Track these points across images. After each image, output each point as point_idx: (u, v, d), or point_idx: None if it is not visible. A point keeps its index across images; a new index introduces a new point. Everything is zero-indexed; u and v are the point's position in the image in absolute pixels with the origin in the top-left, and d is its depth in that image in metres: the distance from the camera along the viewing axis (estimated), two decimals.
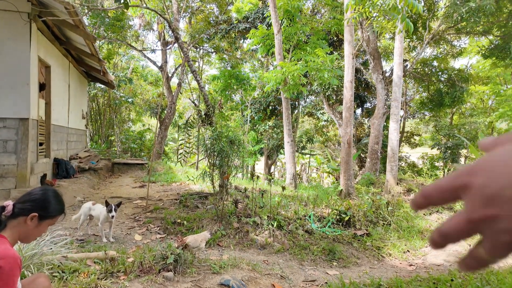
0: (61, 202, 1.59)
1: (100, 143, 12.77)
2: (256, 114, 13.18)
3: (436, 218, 5.62)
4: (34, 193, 1.53)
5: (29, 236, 1.51)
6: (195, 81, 10.76)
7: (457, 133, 13.77)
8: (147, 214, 4.90)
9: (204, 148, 4.51)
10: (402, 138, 15.75)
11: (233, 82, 13.34)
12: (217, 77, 13.99)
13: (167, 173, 9.13)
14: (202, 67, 18.37)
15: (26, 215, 1.46)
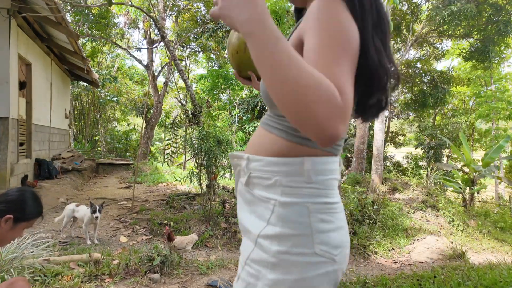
0: (39, 204, 1.53)
1: (84, 143, 12.49)
2: (244, 114, 13.18)
3: (420, 216, 5.75)
4: (10, 194, 1.46)
5: (3, 239, 1.44)
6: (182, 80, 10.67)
7: (440, 133, 14.16)
8: (132, 216, 4.83)
9: (191, 148, 4.48)
10: (387, 138, 16.08)
11: (221, 82, 13.31)
12: (204, 76, 13.92)
13: (153, 174, 9.03)
14: (189, 66, 18.22)
15: (0, 216, 1.39)
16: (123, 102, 16.12)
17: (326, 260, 0.71)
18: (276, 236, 0.71)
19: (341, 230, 0.75)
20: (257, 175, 0.76)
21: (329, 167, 0.75)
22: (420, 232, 4.83)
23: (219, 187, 5.56)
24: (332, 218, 0.73)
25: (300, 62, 0.55)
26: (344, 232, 0.76)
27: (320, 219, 0.71)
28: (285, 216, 0.71)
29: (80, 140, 12.76)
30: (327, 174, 0.74)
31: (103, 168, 9.45)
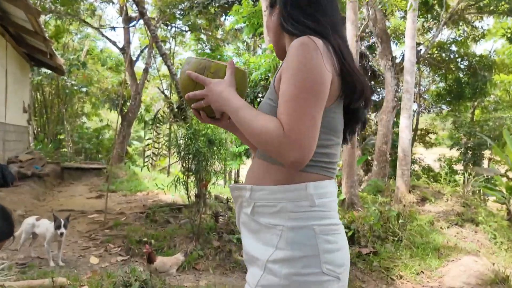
0: (9, 224, 1.53)
1: (46, 142, 12.49)
2: None
3: (455, 232, 5.76)
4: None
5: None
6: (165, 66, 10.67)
7: (480, 131, 14.15)
8: (105, 231, 4.83)
9: (176, 150, 4.48)
10: (415, 136, 16.08)
11: None
12: None
13: (130, 180, 9.03)
14: (174, 49, 18.25)
15: None
16: (94, 93, 16.10)
17: (332, 279, 0.95)
18: (286, 259, 0.94)
19: (344, 249, 1.01)
20: (262, 204, 1.01)
21: (329, 189, 1.02)
22: (455, 252, 4.83)
23: (210, 196, 5.57)
24: (335, 239, 0.99)
25: (255, 118, 0.95)
26: (346, 251, 1.02)
27: (326, 240, 0.96)
28: (294, 240, 0.95)
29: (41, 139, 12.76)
30: (328, 197, 1.01)
31: (70, 173, 9.44)
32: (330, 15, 1.05)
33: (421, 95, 16.14)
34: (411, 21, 7.42)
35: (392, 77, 10.19)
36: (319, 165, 1.03)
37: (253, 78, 8.26)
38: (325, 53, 0.96)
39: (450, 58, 13.02)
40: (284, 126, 0.90)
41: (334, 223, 1.00)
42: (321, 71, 0.94)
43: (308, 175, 1.00)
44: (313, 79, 0.93)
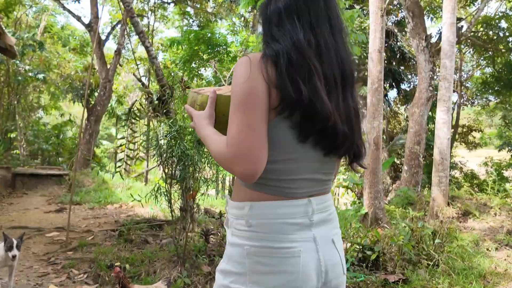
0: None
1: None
2: None
3: (505, 255, 5.78)
4: None
5: None
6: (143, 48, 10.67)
7: None
8: (68, 254, 4.85)
9: (157, 152, 4.49)
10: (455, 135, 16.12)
11: (203, 49, 13.33)
12: (177, 41, 13.94)
13: (99, 190, 9.06)
14: (153, 25, 18.27)
15: None
16: (53, 80, 16.11)
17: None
18: (223, 271, 1.25)
19: (284, 274, 1.17)
20: (228, 216, 1.32)
21: (273, 211, 1.21)
22: (505, 279, 4.84)
23: (199, 210, 5.57)
24: (271, 262, 1.18)
25: (213, 142, 1.23)
26: (290, 278, 1.17)
27: (257, 261, 1.18)
28: (230, 255, 1.24)
29: None
30: (270, 218, 1.20)
31: (23, 180, 9.47)
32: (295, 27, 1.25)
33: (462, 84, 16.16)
34: None
35: (426, 60, 10.20)
36: (264, 183, 1.20)
37: None
38: (260, 65, 1.17)
39: (499, 36, 13.03)
40: (226, 142, 1.14)
41: (276, 246, 1.18)
42: (247, 82, 1.16)
43: (252, 193, 1.23)
44: (242, 92, 1.16)
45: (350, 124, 1.26)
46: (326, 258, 1.24)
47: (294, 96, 1.14)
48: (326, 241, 1.27)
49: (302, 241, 1.20)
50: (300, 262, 1.17)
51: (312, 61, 1.19)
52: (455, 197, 7.77)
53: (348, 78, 1.29)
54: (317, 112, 1.16)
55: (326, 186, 1.34)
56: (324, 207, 1.30)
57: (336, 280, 1.29)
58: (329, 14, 1.30)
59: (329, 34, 1.27)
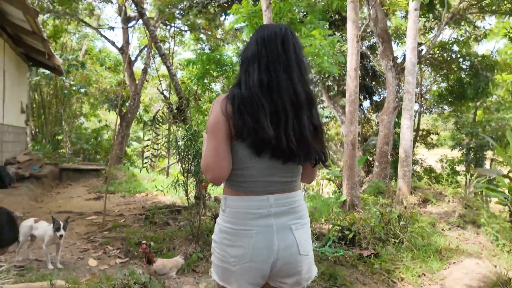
0: (15, 229, 1.59)
1: (44, 143, 12.51)
2: None
3: (457, 234, 5.77)
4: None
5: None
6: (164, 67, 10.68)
7: (482, 131, 14.18)
8: (104, 233, 4.85)
9: (176, 151, 4.49)
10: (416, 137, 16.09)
11: (213, 68, 13.29)
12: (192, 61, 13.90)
13: (129, 182, 9.06)
14: (173, 49, 18.25)
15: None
16: (92, 93, 16.13)
17: (225, 264, 1.40)
18: (213, 239, 1.48)
19: (240, 248, 1.36)
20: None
21: (239, 203, 1.40)
22: (457, 254, 4.84)
23: (210, 198, 5.58)
24: (232, 238, 1.38)
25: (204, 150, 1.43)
26: (244, 251, 1.35)
27: (224, 237, 1.40)
28: (215, 229, 1.47)
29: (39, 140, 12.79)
30: (235, 208, 1.40)
31: (68, 174, 9.48)
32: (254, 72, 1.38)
33: (422, 96, 16.15)
34: (412, 21, 7.43)
35: (393, 77, 10.21)
36: (233, 183, 1.42)
37: None
38: (222, 103, 1.36)
39: (452, 58, 13.03)
40: (202, 158, 1.40)
41: (235, 228, 1.37)
42: (214, 116, 1.36)
43: (227, 190, 1.45)
44: (210, 123, 1.37)
45: (303, 140, 1.36)
46: (280, 240, 1.36)
47: (242, 127, 1.31)
48: (283, 228, 1.38)
49: (259, 226, 1.35)
50: (252, 241, 1.34)
51: (260, 99, 1.33)
52: (416, 187, 7.77)
53: (303, 105, 1.37)
54: (260, 138, 1.30)
55: (286, 186, 1.42)
56: (284, 202, 1.40)
57: (290, 258, 1.38)
58: (286, 56, 1.39)
59: (284, 72, 1.37)
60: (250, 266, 1.35)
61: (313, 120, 1.41)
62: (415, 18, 7.45)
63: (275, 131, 1.31)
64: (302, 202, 1.49)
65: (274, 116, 1.33)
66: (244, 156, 1.37)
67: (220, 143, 1.34)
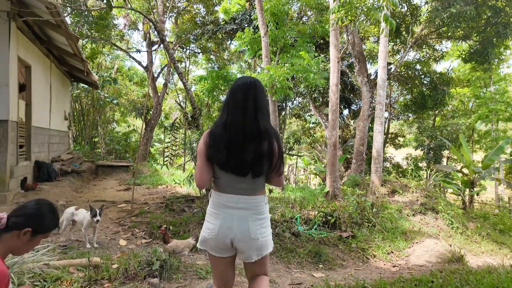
0: (55, 217, 1.60)
1: (83, 144, 12.50)
2: None
3: (419, 219, 5.77)
4: (28, 207, 1.52)
5: (21, 249, 1.52)
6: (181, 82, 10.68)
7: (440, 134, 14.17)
8: (132, 218, 4.83)
9: (190, 152, 4.49)
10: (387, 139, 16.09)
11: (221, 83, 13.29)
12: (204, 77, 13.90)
13: (152, 176, 9.05)
14: (188, 67, 18.25)
15: (19, 229, 1.45)
16: (122, 103, 16.12)
17: (204, 231, 1.71)
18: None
19: (213, 224, 1.65)
20: None
21: (216, 197, 1.67)
22: (419, 235, 4.84)
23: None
24: (210, 218, 1.69)
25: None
26: (214, 226, 1.65)
27: (207, 216, 1.71)
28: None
29: (79, 141, 12.77)
30: (215, 199, 1.68)
31: (103, 170, 9.47)
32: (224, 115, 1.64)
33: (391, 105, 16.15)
34: (383, 45, 7.43)
35: (367, 90, 10.21)
36: (215, 185, 1.70)
37: None
38: (204, 136, 1.65)
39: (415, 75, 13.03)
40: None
41: (212, 211, 1.68)
42: (200, 145, 1.66)
43: (214, 188, 1.71)
44: (197, 149, 1.68)
45: (253, 161, 1.57)
46: (238, 226, 1.62)
47: (210, 154, 1.61)
48: (242, 218, 1.63)
49: (226, 213, 1.63)
50: (220, 221, 1.63)
51: (221, 135, 1.59)
52: (386, 180, 7.77)
53: (253, 138, 1.57)
54: (218, 162, 1.60)
55: (248, 191, 1.64)
56: (246, 201, 1.63)
57: (243, 238, 1.62)
58: (246, 102, 1.59)
59: (242, 114, 1.58)
60: (216, 237, 1.64)
61: (261, 148, 1.57)
62: (385, 42, 7.45)
63: (229, 157, 1.58)
64: (262, 203, 1.67)
65: (229, 146, 1.57)
66: (217, 171, 1.65)
67: (202, 163, 1.63)
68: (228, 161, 1.57)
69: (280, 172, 1.65)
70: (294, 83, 8.39)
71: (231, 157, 1.57)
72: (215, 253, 1.68)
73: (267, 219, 1.70)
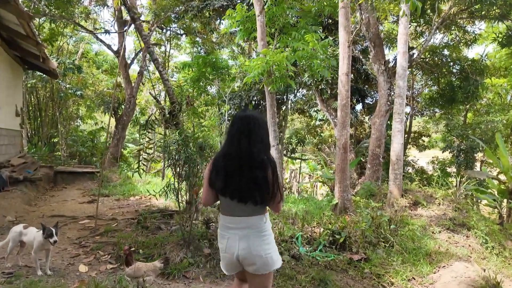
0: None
1: (40, 146, 12.36)
2: (236, 111, 13.14)
3: (446, 237, 5.75)
4: None
5: None
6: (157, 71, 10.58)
7: (472, 133, 14.21)
8: (96, 238, 4.78)
9: (168, 156, 4.42)
10: (408, 139, 16.11)
11: (208, 71, 13.25)
12: (188, 64, 13.85)
13: (124, 184, 8.99)
14: (169, 52, 18.17)
15: None
16: (88, 96, 16.00)
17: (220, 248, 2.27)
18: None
19: (222, 244, 2.21)
20: None
21: (222, 219, 2.21)
22: (446, 257, 4.81)
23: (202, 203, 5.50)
24: (219, 238, 2.24)
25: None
26: (222, 246, 2.20)
27: (218, 236, 2.27)
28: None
29: (35, 142, 12.62)
30: (221, 221, 2.23)
31: (63, 177, 9.37)
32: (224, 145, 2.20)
33: (414, 98, 16.17)
34: (403, 26, 7.42)
35: (385, 81, 10.20)
36: (220, 208, 2.24)
37: (246, 82, 8.23)
38: (210, 163, 2.22)
39: (443, 62, 13.04)
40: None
41: (220, 233, 2.23)
42: (206, 170, 2.24)
43: (220, 211, 2.24)
44: (204, 174, 2.35)
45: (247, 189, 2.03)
46: (240, 244, 2.09)
47: (212, 180, 2.14)
48: (244, 237, 2.10)
49: (230, 233, 2.14)
50: (227, 241, 2.15)
51: (221, 164, 2.12)
52: (407, 190, 7.75)
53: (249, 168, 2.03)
54: (218, 188, 2.13)
55: (249, 213, 2.09)
56: (247, 222, 2.10)
57: (246, 255, 2.09)
58: (243, 134, 2.07)
59: (237, 145, 2.07)
60: (225, 255, 2.19)
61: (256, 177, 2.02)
62: (405, 23, 7.44)
63: (227, 184, 2.08)
64: (261, 222, 2.12)
65: (227, 175, 2.07)
66: (219, 195, 2.19)
67: (206, 188, 2.21)
68: (226, 189, 2.09)
69: (277, 199, 2.09)
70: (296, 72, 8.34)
71: (229, 184, 2.07)
72: (227, 272, 2.28)
73: (269, 236, 2.16)
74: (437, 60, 13.11)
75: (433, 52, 12.95)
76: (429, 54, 12.99)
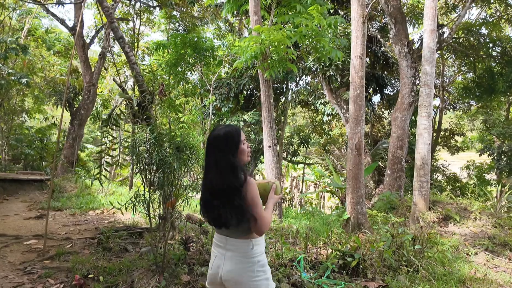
0: None
1: None
2: (223, 102, 13.15)
3: (484, 259, 5.80)
4: None
5: None
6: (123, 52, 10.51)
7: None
8: (45, 263, 4.73)
9: (136, 159, 4.40)
10: (437, 139, 16.25)
11: (189, 53, 13.26)
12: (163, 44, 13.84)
13: (81, 195, 8.94)
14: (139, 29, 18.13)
15: None
16: (37, 84, 15.89)
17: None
18: None
19: (211, 261, 2.54)
20: None
21: (214, 236, 2.59)
22: (484, 285, 4.85)
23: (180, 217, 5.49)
24: (211, 255, 2.60)
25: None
26: (210, 264, 2.54)
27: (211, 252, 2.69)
28: None
29: None
30: (214, 239, 2.60)
31: (4, 186, 9.30)
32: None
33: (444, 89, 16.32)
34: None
35: (408, 66, 10.27)
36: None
37: (235, 67, 8.26)
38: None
39: (480, 43, 13.17)
40: None
41: (212, 249, 2.56)
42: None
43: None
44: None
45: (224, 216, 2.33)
46: (225, 266, 2.37)
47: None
48: (229, 259, 2.38)
49: (217, 252, 2.45)
50: (213, 259, 2.46)
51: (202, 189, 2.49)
52: (436, 201, 7.80)
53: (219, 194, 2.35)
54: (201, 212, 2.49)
55: (235, 235, 2.40)
56: (233, 244, 2.39)
57: (227, 277, 2.36)
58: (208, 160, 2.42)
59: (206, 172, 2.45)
60: (211, 272, 2.48)
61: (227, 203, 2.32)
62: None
63: (205, 210, 2.45)
64: (248, 247, 2.39)
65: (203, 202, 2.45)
66: None
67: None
68: (205, 214, 2.46)
69: (254, 223, 2.34)
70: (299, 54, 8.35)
71: (206, 211, 2.45)
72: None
73: (256, 263, 2.41)
74: (473, 41, 13.24)
75: (468, 30, 13.08)
76: (463, 33, 13.12)
